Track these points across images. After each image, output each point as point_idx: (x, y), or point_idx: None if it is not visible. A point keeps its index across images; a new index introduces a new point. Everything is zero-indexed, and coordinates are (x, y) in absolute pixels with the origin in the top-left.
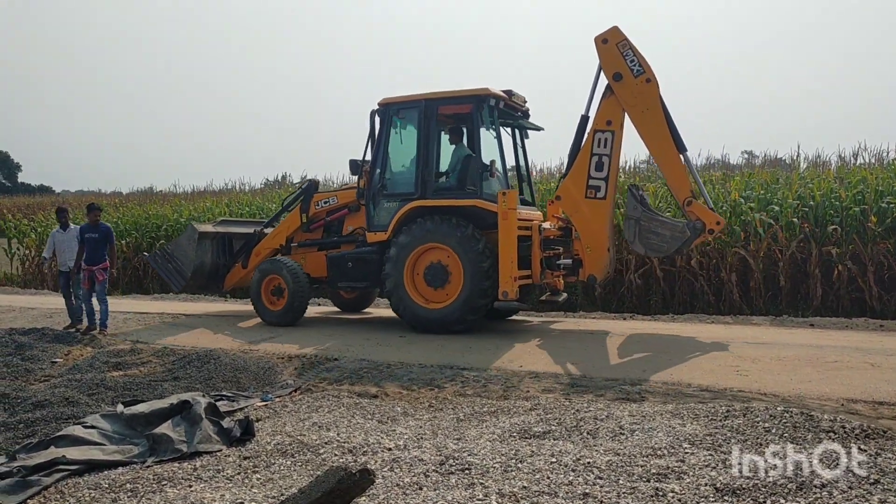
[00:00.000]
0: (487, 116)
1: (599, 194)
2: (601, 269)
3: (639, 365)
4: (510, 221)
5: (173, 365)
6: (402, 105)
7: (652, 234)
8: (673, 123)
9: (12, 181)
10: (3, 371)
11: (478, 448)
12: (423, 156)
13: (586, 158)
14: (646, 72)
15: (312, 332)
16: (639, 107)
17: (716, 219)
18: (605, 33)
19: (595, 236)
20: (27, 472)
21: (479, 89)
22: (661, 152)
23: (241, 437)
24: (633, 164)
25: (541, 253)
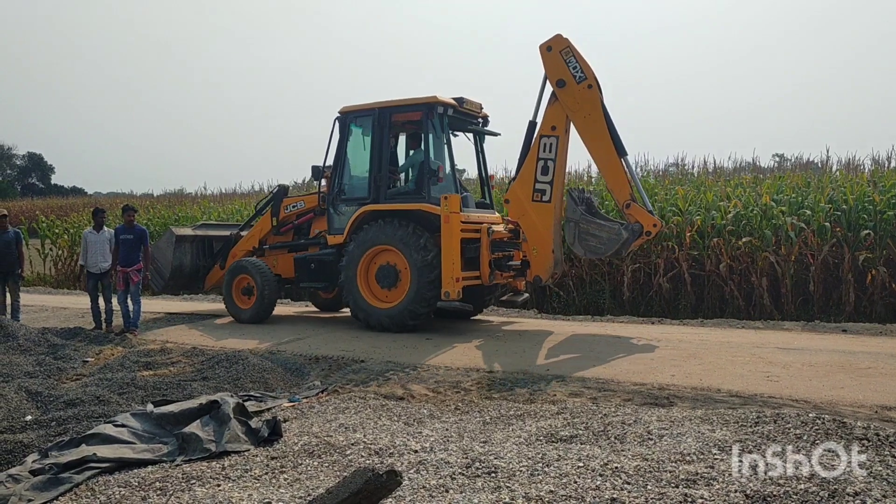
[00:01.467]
0: (438, 123)
1: (545, 198)
2: (546, 269)
3: (668, 369)
4: (452, 224)
5: (202, 365)
6: (359, 113)
7: (590, 236)
8: (614, 128)
9: (46, 183)
10: (35, 370)
11: (504, 451)
12: (377, 162)
13: (533, 163)
14: (588, 78)
15: (339, 333)
16: (581, 112)
17: (652, 221)
18: (549, 41)
19: (541, 238)
20: (59, 470)
21: (427, 97)
22: (602, 156)
23: (269, 438)
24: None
25: (489, 254)
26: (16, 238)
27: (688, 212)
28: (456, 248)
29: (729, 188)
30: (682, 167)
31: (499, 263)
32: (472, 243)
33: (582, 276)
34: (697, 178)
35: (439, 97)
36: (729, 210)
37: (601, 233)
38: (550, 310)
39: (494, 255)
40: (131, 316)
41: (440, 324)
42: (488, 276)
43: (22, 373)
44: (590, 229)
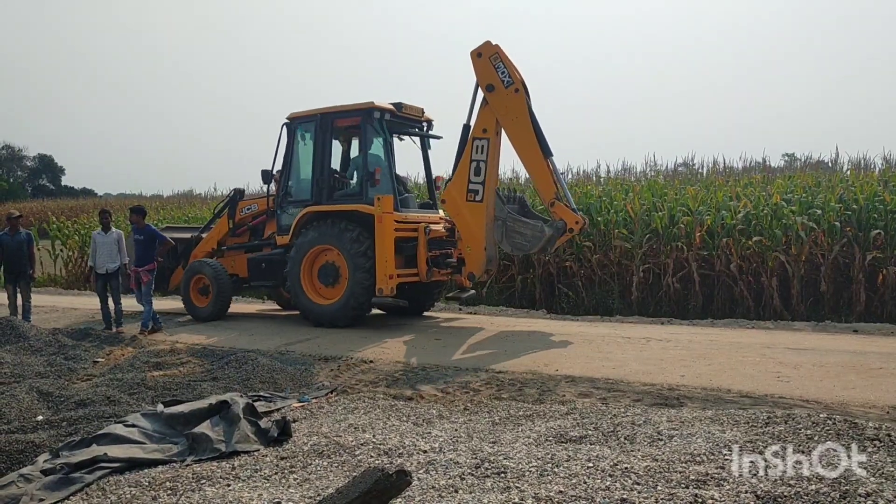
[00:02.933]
0: (377, 127)
1: (478, 198)
2: (479, 267)
3: (678, 370)
4: (385, 224)
5: (212, 365)
6: (304, 119)
7: (516, 233)
8: (540, 130)
9: (56, 184)
10: (46, 370)
11: (513, 452)
12: (319, 165)
13: (466, 164)
14: (515, 82)
15: (348, 334)
16: (509, 115)
17: (575, 218)
18: (479, 48)
19: (474, 237)
20: (70, 469)
21: (365, 103)
22: (529, 157)
23: (279, 438)
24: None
25: (426, 253)
26: (27, 239)
27: (698, 212)
28: (389, 247)
29: (739, 188)
30: (691, 167)
31: (436, 261)
32: (409, 242)
33: (591, 276)
34: (707, 178)
35: (376, 102)
36: (739, 210)
37: (526, 230)
38: (559, 310)
39: (432, 253)
40: (143, 316)
41: (449, 323)
42: (426, 273)
43: (33, 373)
44: (516, 227)
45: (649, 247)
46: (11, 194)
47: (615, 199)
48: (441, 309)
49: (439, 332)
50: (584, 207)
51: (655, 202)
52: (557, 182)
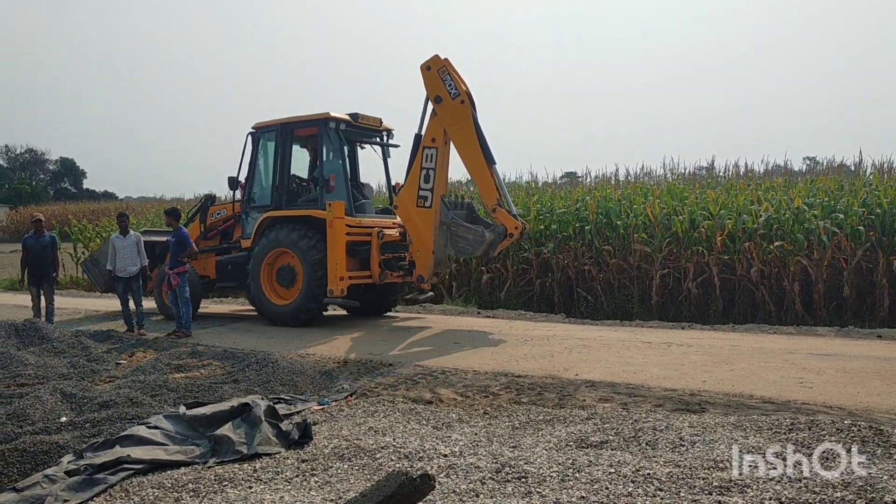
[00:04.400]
0: (334, 136)
1: (427, 203)
2: (427, 269)
3: (700, 375)
4: (336, 228)
5: (233, 368)
6: (267, 128)
7: (460, 237)
8: (484, 139)
9: (78, 187)
10: (70, 372)
11: (534, 456)
12: (279, 172)
13: (417, 172)
14: (461, 94)
15: (367, 336)
16: (455, 125)
17: (515, 224)
18: (428, 61)
19: (423, 241)
20: (94, 471)
21: (321, 114)
22: (473, 165)
23: (299, 440)
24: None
25: (379, 256)
26: (51, 242)
27: (719, 216)
28: (340, 250)
29: (760, 192)
30: (711, 170)
31: (389, 264)
32: (363, 245)
33: (610, 280)
34: (728, 182)
35: (332, 113)
36: (760, 214)
37: (469, 235)
38: (578, 315)
39: (385, 256)
40: (181, 317)
41: (467, 328)
42: (378, 275)
43: (57, 375)
44: (459, 232)
45: (669, 251)
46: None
47: (635, 202)
48: (460, 312)
49: (458, 336)
50: (603, 211)
51: (675, 206)
52: (499, 189)
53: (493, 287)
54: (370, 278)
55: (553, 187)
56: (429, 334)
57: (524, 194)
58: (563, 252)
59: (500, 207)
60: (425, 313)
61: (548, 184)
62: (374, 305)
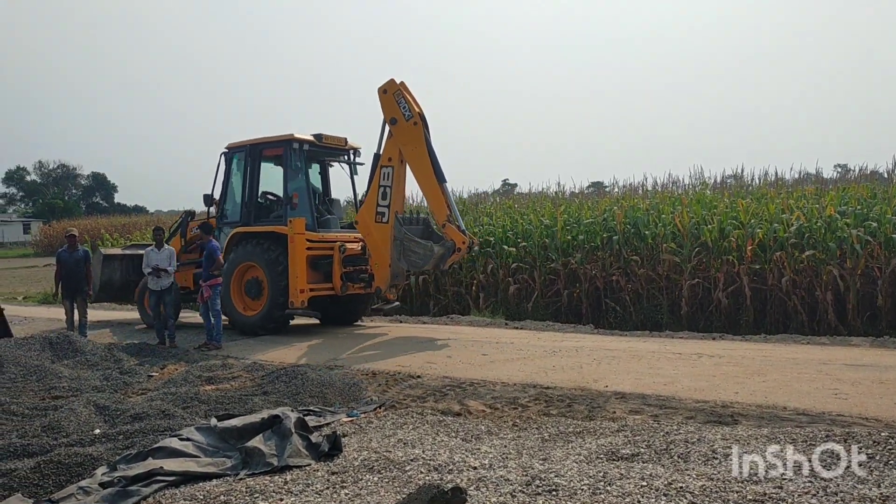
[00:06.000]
0: (297, 156)
1: (384, 219)
2: (384, 281)
3: (731, 386)
4: (296, 243)
5: (262, 380)
6: (238, 149)
7: (411, 252)
8: (436, 158)
9: (109, 202)
10: (103, 384)
11: (564, 469)
12: (248, 190)
13: (375, 189)
14: (414, 116)
15: (393, 349)
16: (409, 145)
17: (462, 239)
18: (384, 85)
19: (381, 254)
20: (127, 483)
21: (286, 135)
22: (425, 183)
23: (329, 452)
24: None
25: (341, 268)
26: (84, 257)
27: (749, 225)
28: (301, 264)
29: (791, 200)
30: (740, 178)
31: (351, 276)
32: (325, 259)
33: (639, 290)
34: (758, 190)
35: (296, 134)
36: (791, 222)
37: (419, 249)
38: (607, 325)
39: (346, 269)
40: (209, 330)
41: (494, 339)
42: (340, 287)
43: (90, 387)
44: (411, 246)
45: (699, 260)
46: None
47: (663, 212)
48: (488, 324)
49: (485, 346)
50: (631, 221)
51: (704, 215)
52: (449, 206)
53: (521, 298)
54: (332, 290)
55: (580, 197)
56: (458, 345)
57: (550, 204)
58: (590, 262)
59: (449, 223)
60: (452, 324)
61: (574, 194)
62: (344, 315)
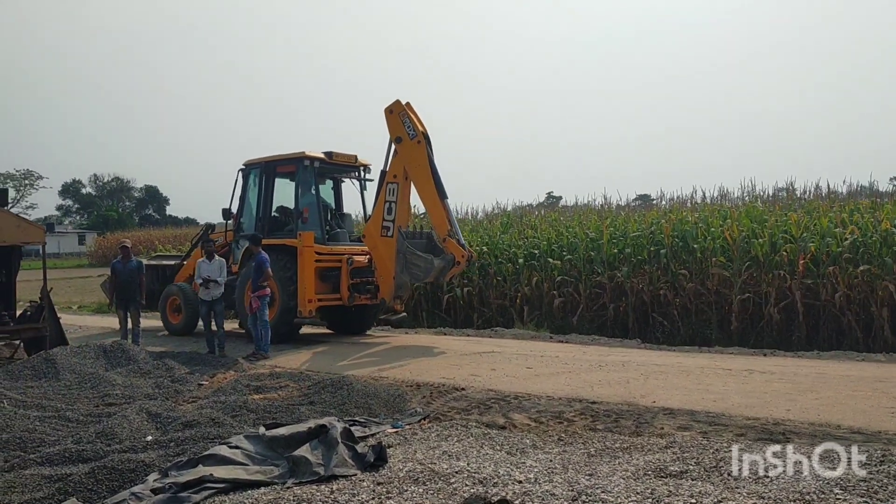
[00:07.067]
0: (308, 173)
1: (389, 233)
2: (389, 293)
3: (783, 403)
4: (305, 256)
5: (309, 390)
6: (254, 165)
7: (413, 265)
8: (438, 175)
9: (161, 214)
10: (155, 392)
11: (611, 485)
12: (262, 204)
13: (381, 204)
14: (417, 135)
15: (438, 361)
16: (412, 163)
17: (462, 252)
18: (390, 105)
19: (386, 267)
20: (178, 489)
21: (297, 153)
22: (427, 199)
23: (375, 463)
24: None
25: (349, 280)
26: (138, 267)
27: (801, 239)
28: (309, 276)
29: (845, 214)
30: (791, 192)
31: (358, 287)
32: (333, 271)
33: (687, 305)
34: (810, 204)
35: (307, 152)
36: (845, 237)
37: (420, 262)
38: (654, 340)
39: (354, 280)
40: (257, 340)
41: (539, 352)
42: (348, 298)
43: (142, 395)
44: (412, 260)
45: (749, 275)
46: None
47: (712, 225)
48: (532, 337)
49: (530, 359)
50: (679, 234)
51: (755, 228)
52: (450, 221)
53: (566, 311)
54: (340, 301)
55: (626, 210)
56: (502, 358)
57: (596, 217)
58: (637, 276)
59: (450, 238)
60: (496, 337)
61: (621, 206)
62: (353, 325)
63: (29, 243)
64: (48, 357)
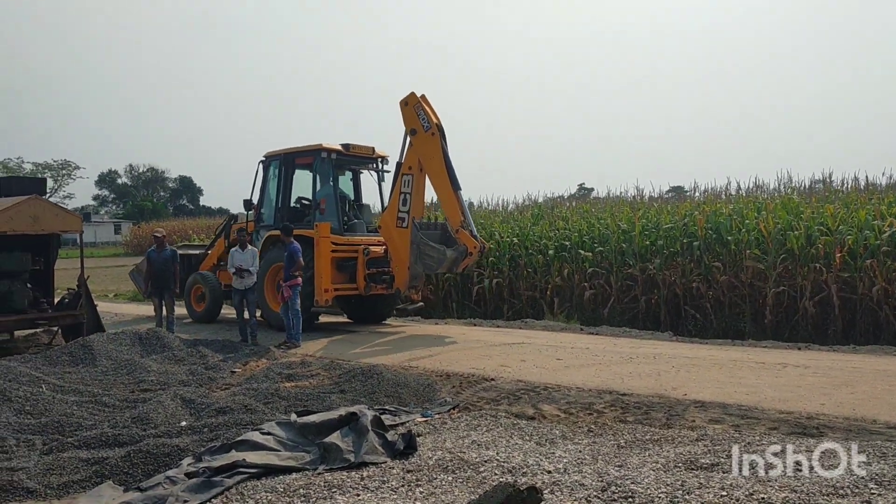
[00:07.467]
0: (326, 164)
1: (404, 224)
2: (404, 283)
3: (818, 398)
4: (321, 246)
5: (339, 378)
6: (274, 157)
7: (426, 255)
8: (451, 167)
9: (195, 204)
10: (189, 379)
11: (641, 476)
12: (281, 195)
13: (397, 196)
14: (432, 127)
15: (467, 352)
16: (427, 154)
17: (474, 244)
18: (405, 98)
19: (400, 257)
20: (211, 473)
21: (314, 145)
22: (441, 190)
23: (404, 451)
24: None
25: (365, 270)
26: (172, 256)
27: (838, 231)
28: (325, 265)
29: (883, 206)
30: (829, 184)
31: (374, 277)
32: (350, 261)
33: (720, 298)
34: (847, 196)
35: (325, 144)
36: (884, 229)
37: (433, 253)
38: (686, 333)
39: (370, 270)
40: (289, 328)
41: (569, 344)
42: (364, 287)
43: (177, 381)
44: (426, 250)
45: (784, 268)
46: (155, 213)
47: (747, 217)
48: (562, 329)
49: (560, 351)
50: (712, 226)
51: (791, 221)
52: (463, 212)
53: (596, 304)
54: (356, 290)
55: (659, 202)
56: (531, 349)
57: (628, 209)
58: (669, 268)
59: (462, 229)
60: (526, 328)
61: (653, 198)
62: (371, 314)
63: (67, 232)
64: (85, 343)
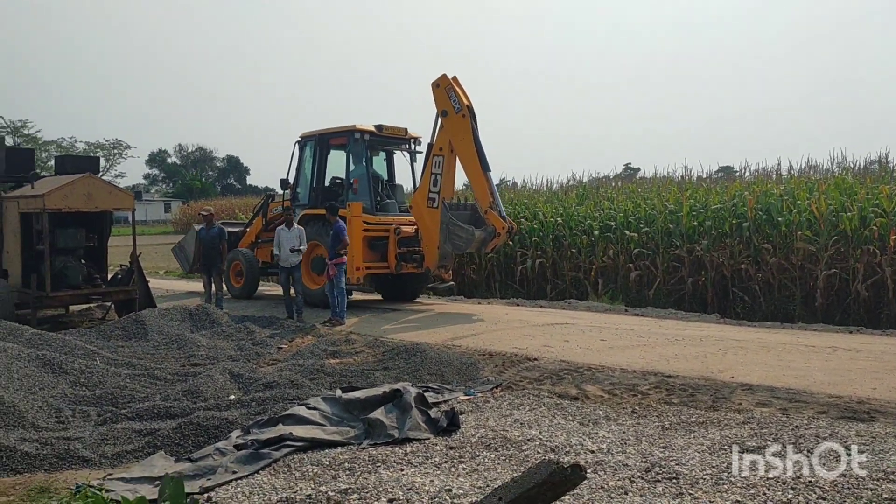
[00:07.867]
0: (359, 145)
1: (434, 205)
2: (434, 262)
3: (869, 382)
4: (353, 226)
5: (383, 356)
6: (309, 138)
7: (456, 235)
8: (481, 148)
9: (242, 183)
10: (237, 354)
11: (686, 458)
12: (315, 175)
13: (428, 176)
14: (462, 108)
15: (510, 331)
16: (457, 136)
17: (502, 224)
18: (437, 80)
19: (431, 237)
20: (259, 446)
21: (349, 126)
22: (471, 171)
23: (447, 428)
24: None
25: (396, 249)
26: (220, 234)
27: (893, 213)
28: (357, 244)
29: None
30: (885, 164)
31: (405, 256)
32: (381, 240)
33: (769, 280)
34: None
35: (358, 125)
36: None
37: (462, 233)
38: (734, 315)
39: (401, 249)
40: (334, 306)
41: (613, 325)
42: (395, 266)
43: (226, 356)
44: (455, 231)
45: (836, 250)
46: (203, 192)
47: (798, 198)
48: (607, 310)
49: (604, 332)
50: (763, 207)
51: (844, 202)
52: (492, 193)
53: (642, 285)
54: (388, 269)
55: (707, 182)
56: (575, 330)
57: (676, 189)
58: (717, 249)
59: (491, 210)
60: (570, 309)
61: (702, 178)
62: (403, 293)
63: (119, 209)
64: (137, 318)
